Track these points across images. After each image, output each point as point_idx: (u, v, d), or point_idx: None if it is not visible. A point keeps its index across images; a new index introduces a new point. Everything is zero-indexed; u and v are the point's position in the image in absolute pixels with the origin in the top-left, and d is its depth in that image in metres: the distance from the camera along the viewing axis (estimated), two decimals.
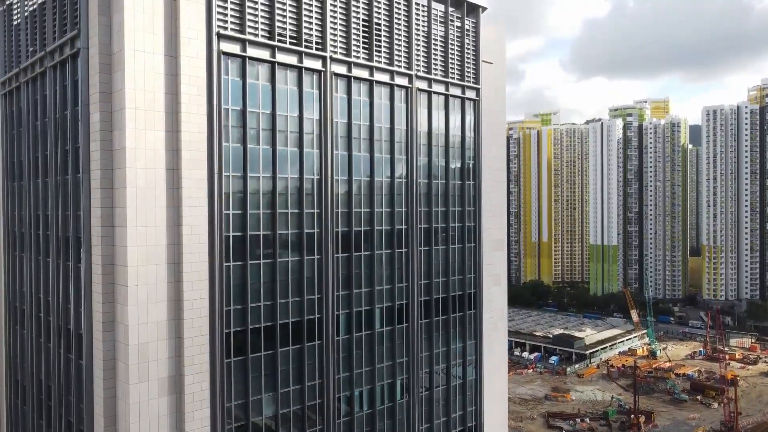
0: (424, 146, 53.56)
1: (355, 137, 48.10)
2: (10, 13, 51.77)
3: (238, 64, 41.02)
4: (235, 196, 40.99)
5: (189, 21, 38.44)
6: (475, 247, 58.21)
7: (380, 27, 49.54)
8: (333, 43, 46.13)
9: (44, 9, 44.71)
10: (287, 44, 43.36)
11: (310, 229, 45.20)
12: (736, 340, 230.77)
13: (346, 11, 47.03)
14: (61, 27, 42.03)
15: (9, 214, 53.05)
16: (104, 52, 37.65)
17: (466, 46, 56.59)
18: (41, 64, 45.17)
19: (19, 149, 50.77)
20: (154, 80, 37.43)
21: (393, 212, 50.80)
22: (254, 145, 41.92)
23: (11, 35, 51.40)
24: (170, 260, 38.19)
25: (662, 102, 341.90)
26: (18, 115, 50.52)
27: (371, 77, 48.78)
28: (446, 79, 54.72)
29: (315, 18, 45.00)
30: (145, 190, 37.10)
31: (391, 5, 50.14)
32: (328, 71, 45.70)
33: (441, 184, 54.95)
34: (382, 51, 49.73)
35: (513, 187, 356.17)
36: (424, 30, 53.14)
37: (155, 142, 37.51)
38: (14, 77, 50.30)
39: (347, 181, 47.53)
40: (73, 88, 40.92)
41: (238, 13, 40.88)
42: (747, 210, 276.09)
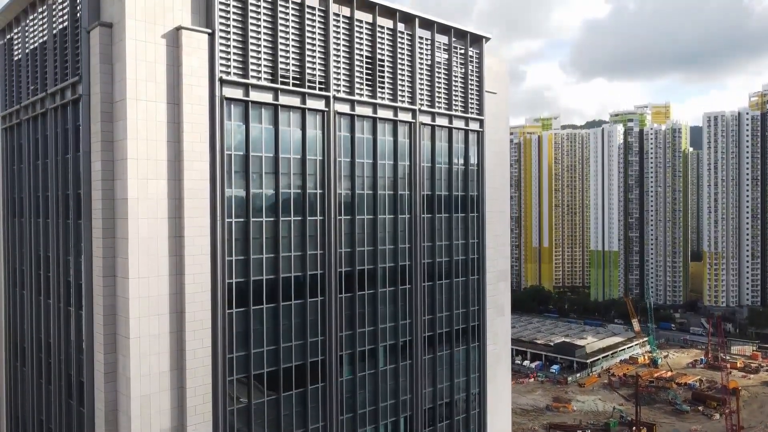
0: (428, 180, 53.19)
1: (359, 175, 47.74)
2: (10, 48, 51.42)
3: (241, 109, 40.66)
4: (238, 242, 40.64)
5: (192, 68, 38.07)
6: (479, 280, 57.85)
7: (383, 63, 49.16)
8: (336, 82, 45.75)
9: (45, 49, 44.36)
10: (290, 86, 42.99)
11: (314, 271, 44.83)
12: (737, 347, 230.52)
13: (349, 49, 46.65)
14: (62, 70, 41.66)
15: (9, 249, 52.68)
16: (106, 101, 37.28)
17: (470, 77, 56.21)
18: (42, 105, 44.82)
19: (20, 185, 50.44)
20: (157, 129, 37.05)
21: (396, 249, 50.44)
22: (257, 190, 41.57)
23: (12, 70, 51.06)
24: (172, 310, 37.84)
25: (663, 107, 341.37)
26: (19, 151, 50.18)
27: (374, 114, 48.40)
28: (450, 111, 54.35)
29: (318, 58, 44.63)
30: (147, 240, 36.73)
31: (394, 40, 49.77)
32: (332, 111, 45.33)
33: (444, 218, 54.58)
34: (386, 87, 49.35)
35: (514, 192, 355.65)
36: (428, 64, 52.77)
37: (157, 192, 37.13)
38: (15, 113, 49.96)
39: (351, 221, 47.16)
40: (74, 133, 40.57)
41: (241, 57, 40.50)
42: (748, 216, 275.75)
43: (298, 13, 43.53)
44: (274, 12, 42.05)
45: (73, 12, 40.06)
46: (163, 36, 37.35)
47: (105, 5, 38.19)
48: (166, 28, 37.49)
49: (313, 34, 44.32)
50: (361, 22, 47.57)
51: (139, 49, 36.33)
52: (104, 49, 37.17)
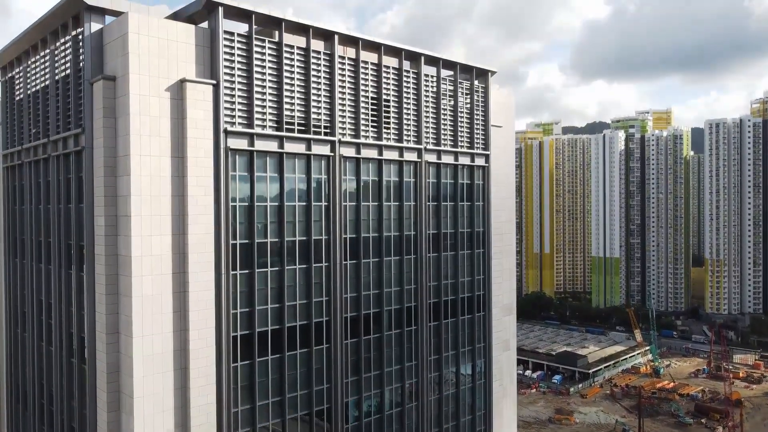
0: (434, 218, 52.66)
1: (364, 218, 47.20)
2: (12, 87, 50.93)
3: (245, 159, 40.11)
4: (243, 294, 40.10)
5: (196, 120, 37.54)
6: (485, 316, 57.31)
7: (389, 103, 48.64)
8: (342, 126, 45.23)
9: (47, 94, 43.83)
10: (295, 132, 42.45)
11: (319, 318, 44.30)
12: (739, 356, 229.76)
13: (354, 92, 46.13)
14: (65, 119, 41.13)
15: (11, 289, 52.15)
16: (109, 155, 36.74)
17: (475, 112, 55.70)
18: (44, 150, 44.31)
19: (21, 227, 49.92)
20: (161, 184, 36.50)
21: (402, 290, 49.92)
22: (262, 239, 41.03)
23: (13, 110, 50.58)
24: (177, 366, 37.29)
25: (664, 113, 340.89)
26: (21, 191, 49.68)
27: (380, 156, 47.89)
28: (455, 148, 53.83)
29: (323, 102, 44.09)
30: (151, 297, 36.19)
31: (399, 80, 49.24)
32: (337, 155, 44.80)
33: (450, 256, 54.05)
34: (391, 128, 48.83)
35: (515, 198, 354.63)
36: (433, 101, 52.23)
37: (162, 248, 36.58)
38: (17, 154, 49.45)
39: (356, 265, 46.63)
40: (77, 184, 40.02)
41: (245, 107, 39.95)
42: (750, 223, 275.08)
43: (303, 58, 43.00)
44: (279, 59, 41.52)
45: (76, 61, 39.53)
46: (167, 89, 36.80)
47: (108, 56, 37.65)
48: (170, 81, 36.94)
49: (319, 79, 43.79)
50: (366, 63, 47.04)
51: (143, 103, 35.78)
52: (107, 102, 36.63)
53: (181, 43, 37.43)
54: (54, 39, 42.62)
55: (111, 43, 37.16)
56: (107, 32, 37.68)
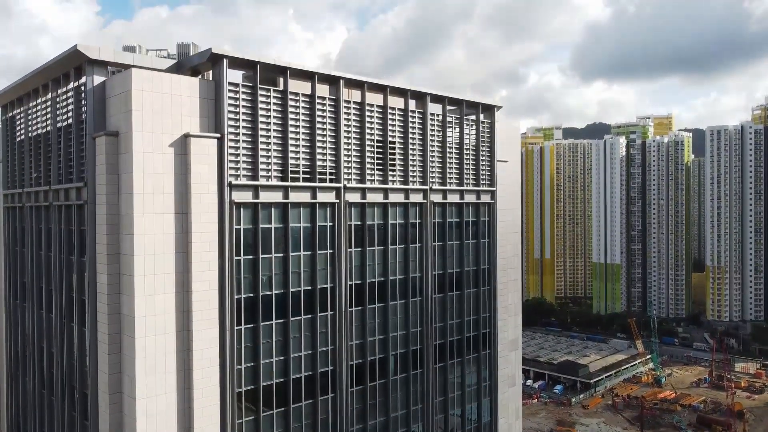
0: (439, 258, 52.06)
1: (369, 264, 46.62)
2: (12, 126, 50.34)
3: (250, 211, 39.51)
4: (248, 349, 39.50)
5: (200, 176, 36.93)
6: (490, 354, 56.75)
7: (395, 145, 48.05)
8: (347, 172, 44.64)
9: (48, 141, 43.26)
10: (300, 181, 41.86)
11: (324, 368, 43.70)
12: (740, 365, 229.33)
13: (360, 136, 45.53)
14: (67, 170, 40.54)
15: (12, 331, 51.57)
16: (112, 212, 36.12)
17: (481, 148, 55.11)
18: (46, 198, 43.72)
19: (22, 269, 49.33)
20: (165, 242, 35.90)
21: (408, 333, 49.34)
22: (267, 292, 40.43)
23: (14, 150, 50.01)
24: (181, 426, 36.71)
25: (665, 118, 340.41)
26: (22, 234, 49.10)
27: (385, 200, 47.28)
28: (461, 187, 53.25)
29: (329, 149, 43.51)
30: (154, 357, 35.59)
31: (405, 120, 48.65)
32: (342, 201, 44.20)
33: (456, 295, 53.47)
34: (397, 170, 48.24)
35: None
36: (439, 140, 51.64)
37: (165, 306, 35.99)
38: (18, 196, 48.86)
39: (361, 311, 46.06)
40: (79, 238, 39.43)
41: (250, 158, 39.35)
42: (751, 230, 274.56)
43: (308, 105, 42.40)
44: (284, 107, 40.92)
45: (78, 112, 38.95)
46: (171, 145, 36.20)
47: (110, 110, 37.05)
48: (174, 137, 36.33)
49: (324, 125, 43.21)
50: (372, 105, 46.46)
51: (146, 161, 35.18)
52: (110, 158, 36.02)
53: (185, 96, 36.81)
54: (56, 86, 42.03)
55: (114, 97, 36.57)
56: (110, 85, 37.08)
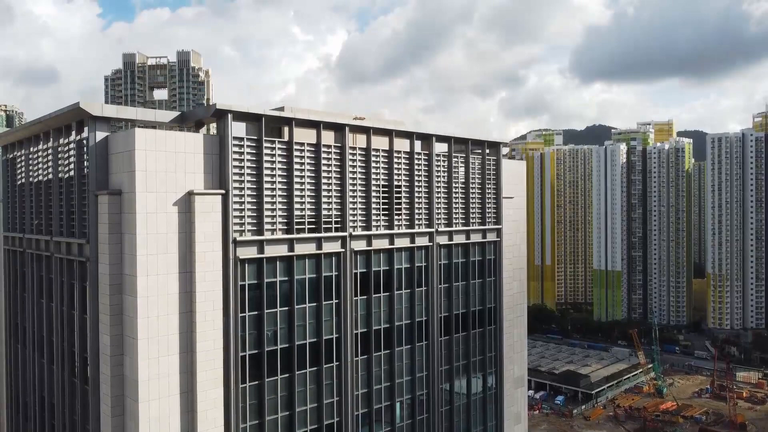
0: (445, 300, 51.47)
1: (375, 311, 46.01)
2: (13, 167, 49.70)
3: (255, 266, 38.89)
4: (252, 406, 38.87)
5: (205, 234, 36.32)
6: (496, 393, 56.15)
7: (400, 190, 47.45)
8: (352, 219, 44.03)
9: (50, 190, 42.62)
10: (306, 231, 41.25)
11: (330, 420, 43.10)
12: (742, 374, 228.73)
13: (365, 182, 44.93)
14: (69, 224, 39.90)
15: (12, 374, 50.91)
16: (115, 272, 35.50)
17: (487, 186, 54.51)
18: (47, 248, 43.08)
19: (23, 314, 48.68)
20: (168, 303, 35.28)
21: (414, 378, 48.75)
22: (272, 347, 39.82)
23: (14, 191, 49.35)
24: None
25: (666, 124, 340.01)
26: (23, 278, 48.43)
27: (391, 245, 46.69)
28: (467, 227, 52.66)
29: (334, 197, 42.90)
30: (158, 420, 34.96)
31: (410, 164, 48.06)
32: (348, 250, 43.61)
33: (462, 336, 52.87)
34: (402, 214, 47.65)
35: None
36: (444, 181, 51.04)
37: (169, 367, 35.37)
38: (19, 240, 48.21)
39: (367, 360, 45.44)
40: (81, 294, 38.77)
41: (255, 213, 38.73)
42: (752, 238, 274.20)
43: (314, 155, 41.80)
44: (289, 158, 40.32)
45: (80, 167, 38.32)
46: (175, 203, 35.59)
47: (113, 166, 36.42)
48: (178, 195, 35.72)
49: (329, 174, 42.61)
50: (377, 150, 45.88)
51: (150, 222, 34.56)
52: (113, 218, 35.38)
53: (189, 153, 36.21)
54: (57, 136, 41.40)
55: (117, 154, 35.95)
56: (113, 142, 36.47)
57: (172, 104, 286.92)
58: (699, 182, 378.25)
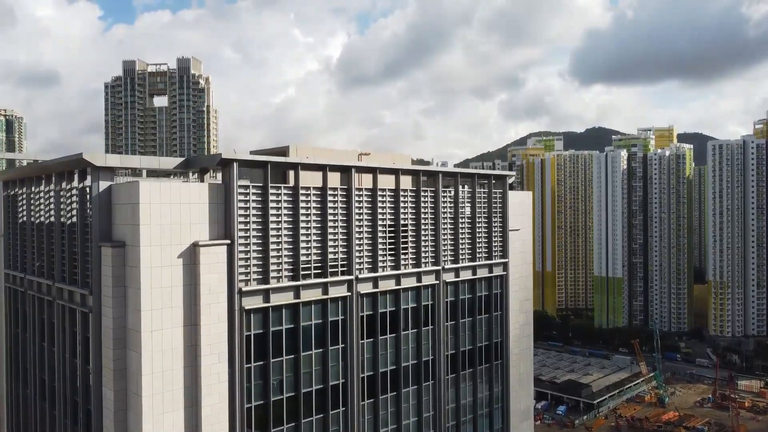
0: (452, 337, 50.85)
1: (382, 353, 45.39)
2: (15, 204, 49.08)
3: (260, 316, 38.28)
4: None
5: (210, 286, 35.69)
6: (502, 428, 55.51)
7: (407, 229, 46.83)
8: (359, 262, 43.41)
9: (52, 233, 41.97)
10: (312, 277, 40.61)
11: None
12: (744, 383, 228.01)
13: (372, 224, 44.31)
14: (71, 270, 39.26)
15: (14, 416, 50.20)
16: (118, 326, 34.86)
17: (493, 220, 53.92)
18: (49, 292, 42.42)
19: (24, 355, 48.02)
20: (173, 358, 34.65)
21: (420, 420, 48.11)
22: (278, 397, 39.20)
23: (16, 229, 48.73)
24: None
25: (666, 130, 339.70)
26: (24, 319, 47.78)
27: (398, 286, 46.07)
28: (474, 262, 52.07)
29: (340, 241, 42.28)
30: None
31: (417, 202, 47.45)
32: (354, 293, 42.99)
33: (469, 373, 52.25)
34: (409, 253, 47.02)
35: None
36: (451, 218, 50.43)
37: (174, 424, 34.73)
38: (20, 280, 47.55)
39: (374, 403, 44.81)
40: (83, 344, 38.09)
41: (261, 262, 38.10)
42: (753, 245, 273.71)
43: (320, 198, 41.18)
44: (295, 203, 39.70)
45: (83, 215, 37.67)
46: (180, 256, 34.96)
47: (117, 217, 35.79)
48: (183, 247, 35.10)
49: (335, 217, 41.99)
50: (384, 190, 45.26)
51: (154, 276, 33.93)
52: (116, 271, 34.76)
53: (194, 204, 35.58)
54: (60, 180, 40.78)
55: (121, 205, 35.32)
56: (116, 193, 35.82)
57: (173, 111, 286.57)
58: (699, 186, 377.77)
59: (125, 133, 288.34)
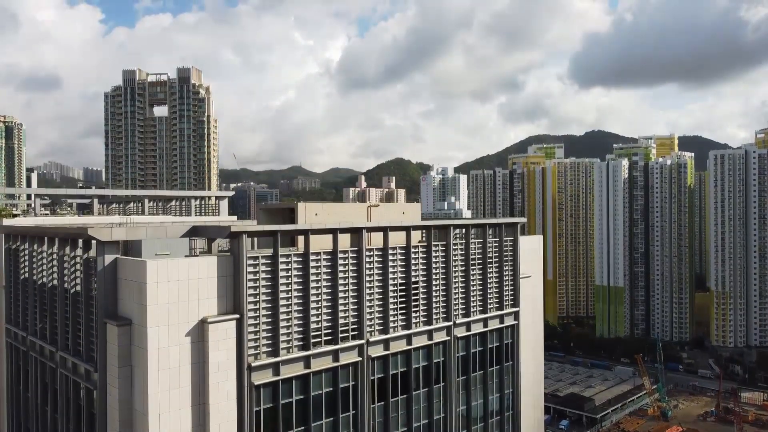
0: (462, 392, 49.78)
1: (393, 415, 44.30)
2: (16, 258, 47.99)
3: (270, 390, 37.19)
4: None
5: (218, 364, 34.63)
6: None
7: (417, 286, 45.78)
8: (369, 325, 42.36)
9: (55, 300, 40.88)
10: (322, 344, 39.54)
11: None
12: (747, 395, 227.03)
13: (382, 284, 43.25)
14: (75, 341, 38.19)
15: None
16: (124, 408, 33.77)
17: (504, 268, 52.87)
18: (52, 358, 41.33)
19: (26, 415, 46.87)
20: None
21: None
22: None
23: (17, 284, 47.65)
24: None
25: (668, 138, 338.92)
26: (26, 378, 46.66)
27: (409, 345, 45.02)
28: (485, 314, 51.02)
29: (351, 305, 41.21)
30: None
31: (428, 258, 46.41)
32: (365, 358, 41.92)
33: (480, 427, 51.18)
34: (420, 311, 45.97)
35: None
36: (462, 270, 49.38)
37: None
38: (22, 339, 46.46)
39: None
40: (88, 420, 37.02)
41: (270, 334, 37.01)
42: (756, 255, 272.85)
43: (330, 263, 40.10)
44: (305, 270, 38.61)
45: (87, 287, 36.60)
46: (188, 334, 33.90)
47: (123, 293, 34.72)
48: (191, 324, 34.04)
49: (346, 280, 40.92)
50: (395, 248, 44.21)
51: (162, 356, 32.85)
52: (123, 350, 33.69)
53: (203, 279, 34.53)
54: (63, 245, 39.70)
55: (127, 281, 34.26)
56: (122, 267, 34.77)
57: (173, 121, 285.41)
58: (699, 191, 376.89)
59: (125, 142, 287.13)
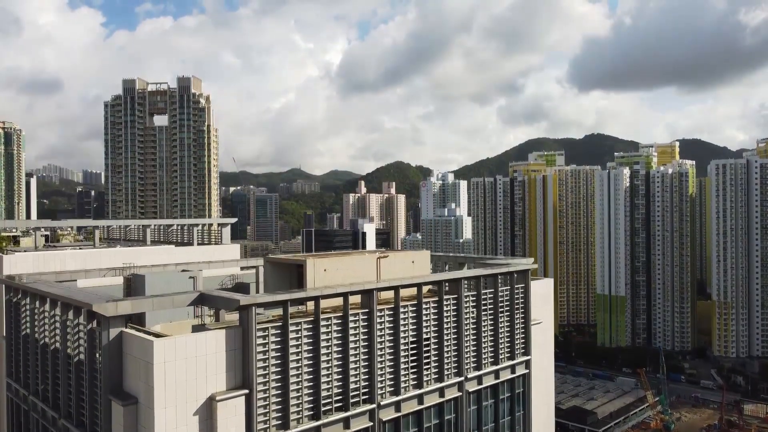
0: None
1: None
2: (17, 312, 46.84)
3: None
4: None
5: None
6: None
7: (429, 343, 44.68)
8: (381, 387, 41.23)
9: (57, 365, 39.71)
10: (333, 411, 38.42)
11: None
12: (750, 407, 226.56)
13: (393, 344, 42.12)
14: (78, 411, 37.06)
15: None
16: None
17: (515, 317, 51.79)
18: (54, 424, 40.13)
19: None
20: None
21: None
22: None
23: (18, 338, 46.49)
24: None
25: (669, 146, 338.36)
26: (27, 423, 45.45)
27: (420, 405, 43.90)
28: (496, 365, 49.94)
29: (361, 368, 40.10)
30: None
31: (440, 313, 45.31)
32: (376, 422, 40.79)
33: None
34: (431, 369, 44.87)
35: (518, 230, 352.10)
36: (473, 322, 48.30)
37: None
38: (24, 397, 45.28)
39: None
40: None
41: (281, 406, 35.85)
42: (758, 265, 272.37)
43: (341, 327, 39.00)
44: (315, 337, 37.48)
45: (91, 359, 35.48)
46: (196, 413, 32.77)
47: (128, 368, 33.58)
48: (199, 402, 32.91)
49: (357, 343, 39.80)
50: (405, 306, 43.12)
51: None
52: (128, 431, 32.54)
53: (211, 354, 33.42)
54: (66, 310, 38.58)
55: (133, 357, 33.14)
56: (128, 342, 33.63)
57: (173, 130, 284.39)
58: (700, 198, 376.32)
59: (125, 151, 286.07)
